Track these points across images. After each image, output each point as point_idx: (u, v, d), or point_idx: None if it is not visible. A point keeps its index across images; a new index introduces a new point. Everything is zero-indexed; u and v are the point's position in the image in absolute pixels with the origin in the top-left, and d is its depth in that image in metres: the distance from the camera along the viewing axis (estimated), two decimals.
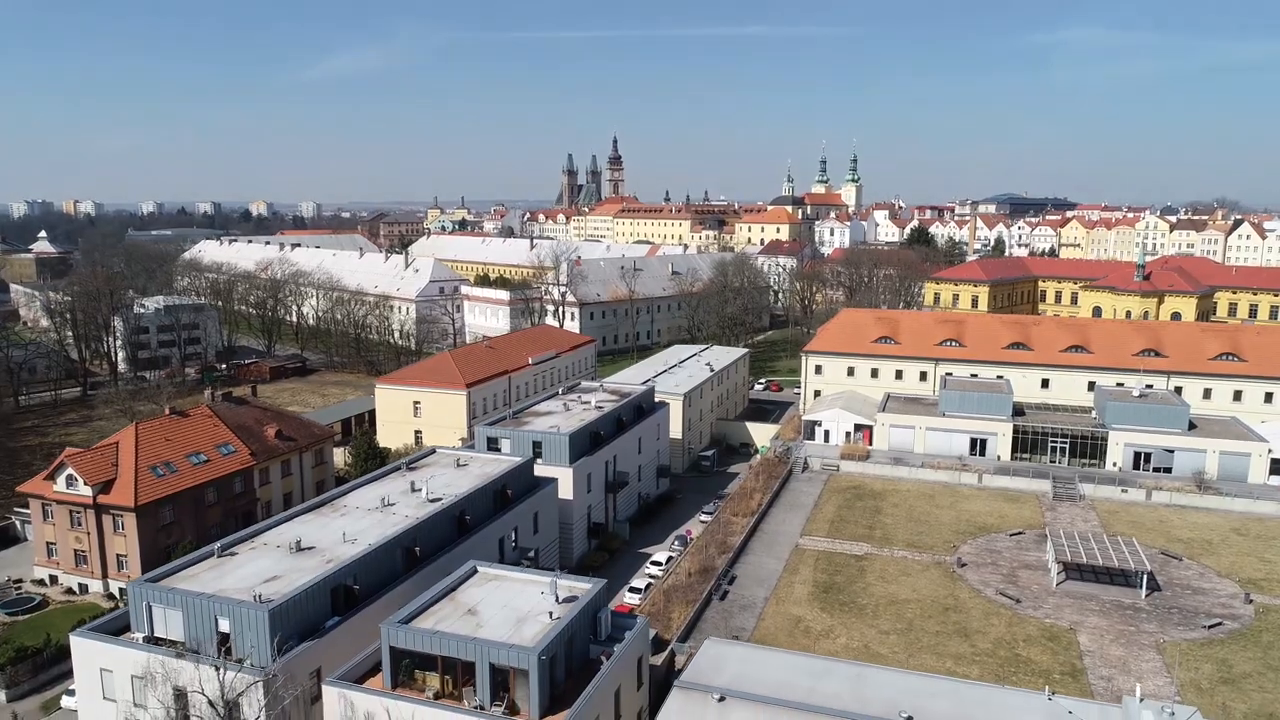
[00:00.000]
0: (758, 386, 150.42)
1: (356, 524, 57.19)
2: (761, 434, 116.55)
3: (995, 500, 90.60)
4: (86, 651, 46.55)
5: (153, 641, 46.17)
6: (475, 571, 50.10)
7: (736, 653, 46.05)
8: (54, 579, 76.24)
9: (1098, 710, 40.93)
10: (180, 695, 43.44)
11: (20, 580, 76.82)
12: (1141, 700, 39.80)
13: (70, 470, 73.44)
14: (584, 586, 47.56)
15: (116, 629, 47.96)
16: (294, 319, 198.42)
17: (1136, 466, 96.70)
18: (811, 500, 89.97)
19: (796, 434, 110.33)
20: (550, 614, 44.37)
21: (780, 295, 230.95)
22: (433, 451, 75.08)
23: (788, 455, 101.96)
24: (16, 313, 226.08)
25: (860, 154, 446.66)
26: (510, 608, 45.70)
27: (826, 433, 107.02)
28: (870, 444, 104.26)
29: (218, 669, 41.11)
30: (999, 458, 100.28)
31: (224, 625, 44.96)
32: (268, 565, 50.79)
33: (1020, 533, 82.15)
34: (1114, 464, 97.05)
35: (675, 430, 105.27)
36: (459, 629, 43.06)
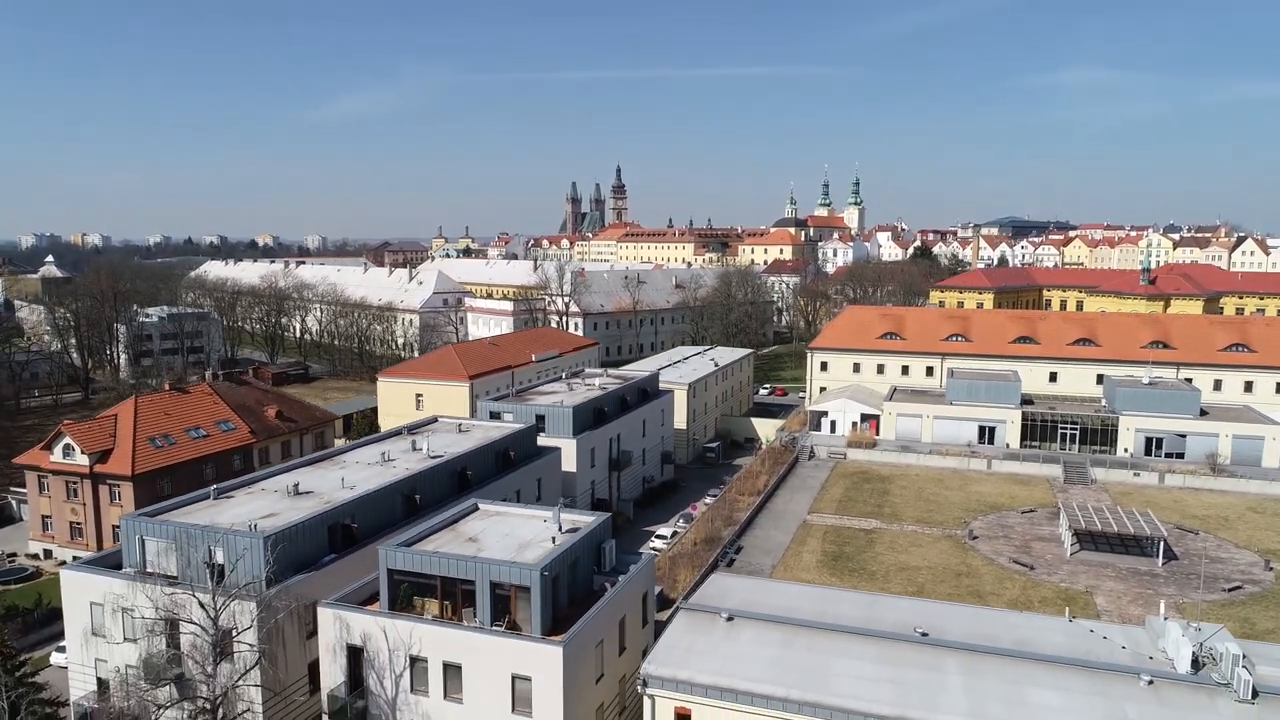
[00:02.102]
0: (762, 391, 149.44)
1: (356, 474, 56.12)
2: (767, 429, 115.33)
3: (1005, 484, 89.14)
4: (76, 585, 45.30)
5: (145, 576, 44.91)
6: (477, 508, 48.97)
7: (745, 583, 44.80)
8: (48, 553, 74.95)
9: (1120, 630, 39.52)
10: (172, 625, 42.08)
11: (14, 554, 75.57)
12: (1166, 619, 38.48)
13: (68, 439, 72.57)
14: (587, 519, 46.42)
15: (108, 566, 46.73)
16: (297, 333, 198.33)
17: (1148, 452, 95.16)
18: (818, 483, 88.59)
19: (802, 426, 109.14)
20: (553, 540, 43.20)
21: (785, 311, 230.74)
22: (435, 420, 74.15)
23: (793, 444, 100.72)
24: (21, 329, 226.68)
25: (862, 178, 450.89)
26: (512, 536, 44.53)
27: (833, 423, 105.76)
28: (877, 434, 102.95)
29: (211, 593, 39.75)
30: (1008, 445, 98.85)
31: (219, 556, 43.70)
32: (264, 505, 49.69)
33: (1032, 510, 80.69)
34: (1125, 449, 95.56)
35: (680, 420, 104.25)
36: (459, 552, 41.83)
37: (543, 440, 73.87)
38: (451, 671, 38.50)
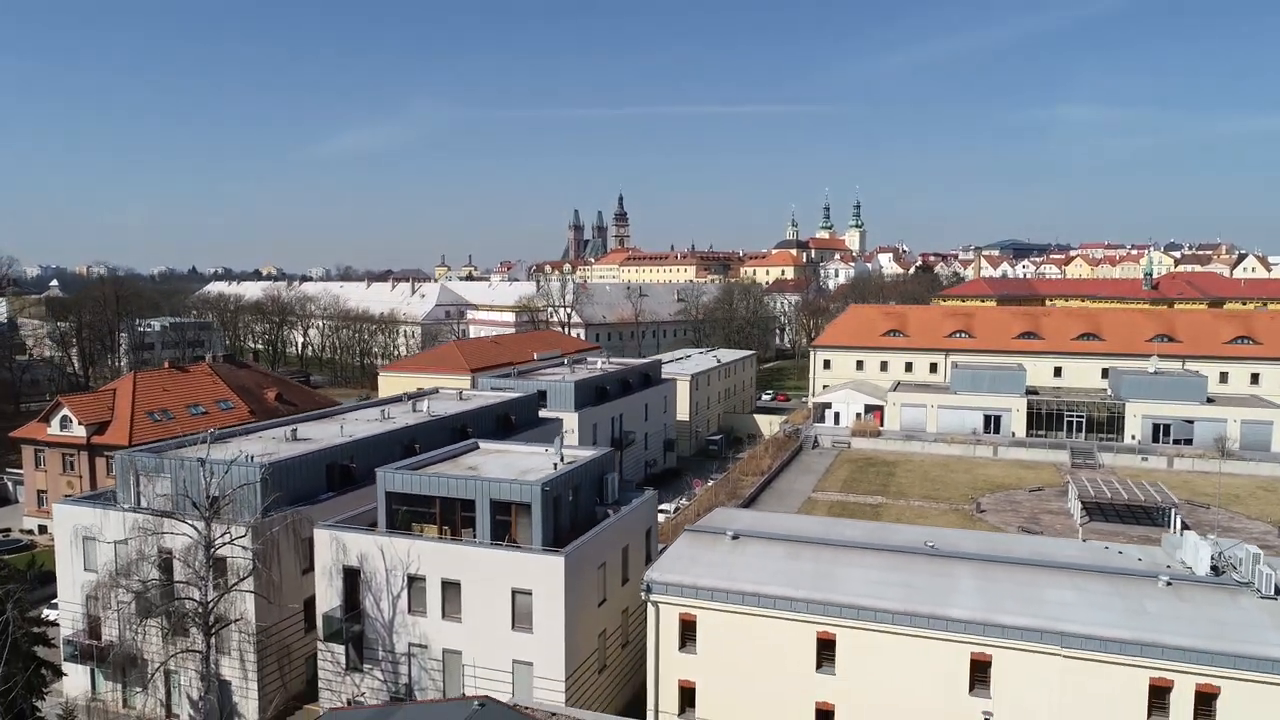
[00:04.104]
0: (764, 397, 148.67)
1: (355, 428, 55.38)
2: (769, 425, 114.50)
3: (1012, 468, 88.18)
4: (69, 519, 44.45)
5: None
6: (477, 446, 48.23)
7: (749, 513, 43.93)
8: (43, 528, 73.87)
9: (1136, 548, 38.61)
10: (166, 557, 41.13)
11: (9, 529, 74.60)
12: (1183, 534, 37.60)
13: (66, 411, 71.99)
14: (589, 453, 45.67)
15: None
16: (298, 348, 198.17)
17: (1155, 439, 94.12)
18: (823, 467, 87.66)
19: (806, 419, 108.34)
20: (554, 467, 42.43)
21: (787, 328, 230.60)
22: (436, 391, 73.53)
23: (797, 434, 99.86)
24: (24, 345, 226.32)
25: (863, 202, 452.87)
26: (514, 467, 43.71)
27: (837, 415, 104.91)
28: (882, 424, 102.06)
29: (206, 524, 38.66)
30: (1014, 434, 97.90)
31: (215, 489, 42.83)
32: (262, 447, 48.84)
33: (1040, 489, 79.73)
34: (1132, 436, 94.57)
35: (683, 412, 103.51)
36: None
37: (545, 415, 73.18)
38: (450, 590, 37.55)
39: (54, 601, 53.40)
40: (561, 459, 43.93)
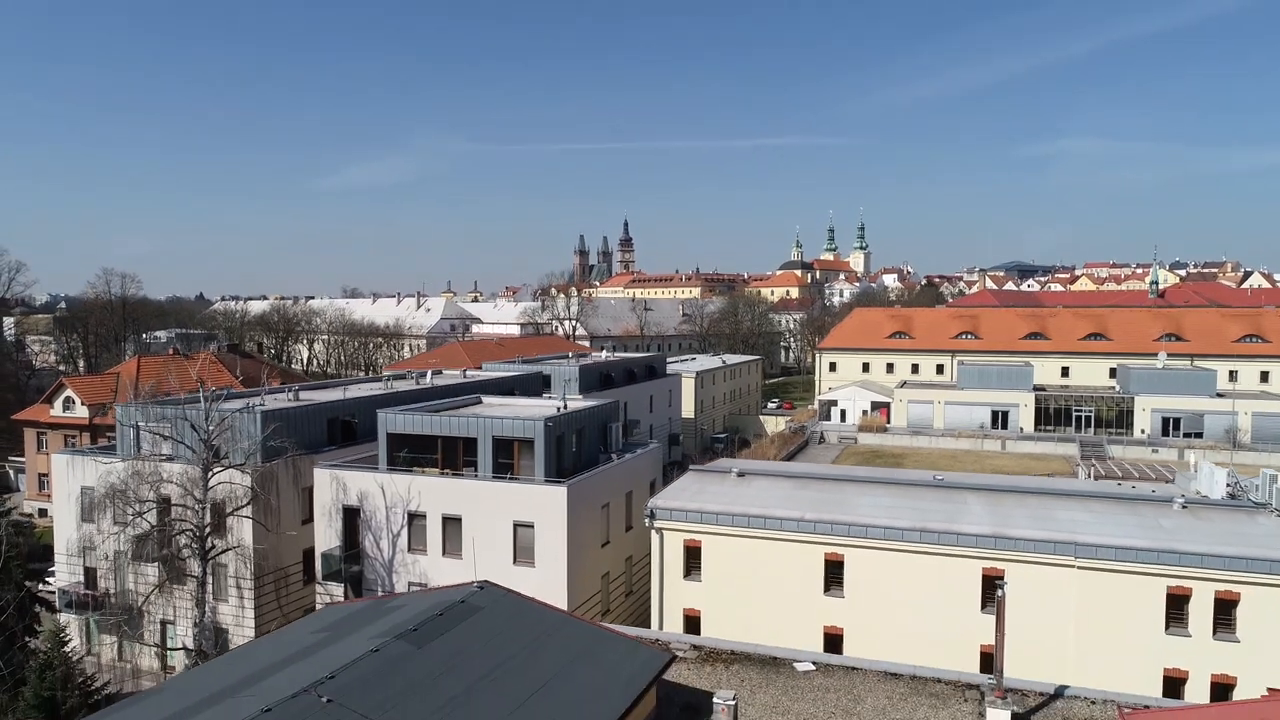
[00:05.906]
0: (770, 405, 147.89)
1: (358, 394, 55.07)
2: (775, 424, 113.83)
3: (1021, 460, 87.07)
4: (68, 468, 44.05)
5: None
6: (480, 400, 47.80)
7: (754, 462, 43.26)
8: (43, 512, 73.31)
9: (1149, 485, 37.87)
10: (164, 504, 40.59)
11: (9, 511, 74.00)
12: (1198, 467, 36.94)
13: (69, 392, 71.80)
14: (593, 402, 45.21)
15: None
16: (303, 361, 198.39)
17: (1165, 433, 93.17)
18: (829, 458, 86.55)
19: (812, 417, 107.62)
20: (558, 409, 41.96)
21: (792, 347, 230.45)
22: (440, 372, 73.22)
23: (802, 431, 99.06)
24: (31, 364, 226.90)
25: (867, 224, 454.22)
26: (517, 413, 43.25)
27: (843, 412, 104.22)
28: (888, 420, 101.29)
29: (205, 446, 38.22)
30: (1021, 429, 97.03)
31: (214, 429, 42.43)
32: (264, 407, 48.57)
33: (1049, 476, 78.68)
34: (1142, 430, 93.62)
35: (688, 409, 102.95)
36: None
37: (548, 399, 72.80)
38: (451, 526, 36.98)
39: (51, 570, 52.86)
40: (565, 406, 43.50)
